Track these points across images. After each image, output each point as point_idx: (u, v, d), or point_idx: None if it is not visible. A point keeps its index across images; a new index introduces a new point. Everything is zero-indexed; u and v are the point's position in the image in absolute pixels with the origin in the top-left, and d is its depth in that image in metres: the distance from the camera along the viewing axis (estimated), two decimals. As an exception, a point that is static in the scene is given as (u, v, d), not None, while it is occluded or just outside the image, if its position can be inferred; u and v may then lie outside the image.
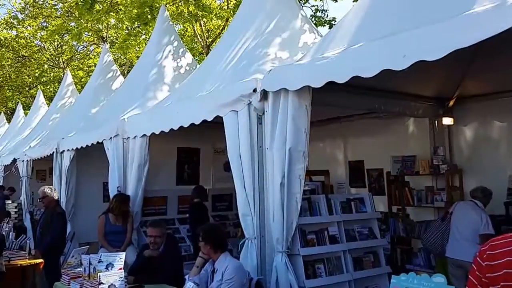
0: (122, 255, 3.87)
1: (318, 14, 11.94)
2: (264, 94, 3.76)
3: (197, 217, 6.20)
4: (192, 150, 7.75)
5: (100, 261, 3.71)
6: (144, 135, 5.64)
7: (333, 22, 11.64)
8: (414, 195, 6.16)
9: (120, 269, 3.75)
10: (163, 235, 4.46)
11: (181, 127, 4.78)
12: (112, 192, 6.13)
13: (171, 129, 4.96)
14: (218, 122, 4.28)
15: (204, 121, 4.46)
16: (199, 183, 7.27)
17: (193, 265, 3.81)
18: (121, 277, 3.69)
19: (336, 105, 4.58)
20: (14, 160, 10.61)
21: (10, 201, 10.44)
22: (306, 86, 3.42)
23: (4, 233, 6.16)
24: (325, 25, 11.86)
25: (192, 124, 4.62)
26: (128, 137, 6.03)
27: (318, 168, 6.67)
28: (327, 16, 12.08)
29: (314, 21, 11.42)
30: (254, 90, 3.80)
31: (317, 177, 6.58)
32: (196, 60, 8.37)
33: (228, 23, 15.62)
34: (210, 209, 6.93)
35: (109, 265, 3.71)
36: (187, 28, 15.68)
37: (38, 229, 6.21)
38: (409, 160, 6.22)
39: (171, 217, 6.76)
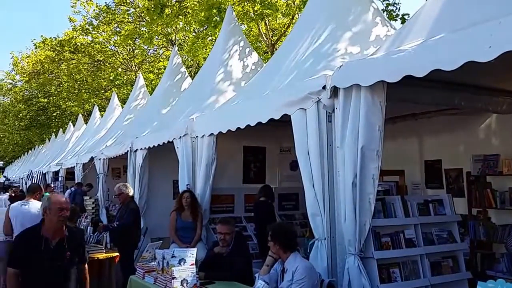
0: (194, 251, 3.93)
1: (390, 8, 11.37)
2: (334, 91, 3.64)
3: (263, 216, 6.20)
4: (258, 148, 7.77)
5: (173, 256, 3.79)
6: (212, 134, 5.73)
7: (406, 17, 11.06)
8: (497, 196, 5.70)
9: (192, 264, 3.82)
10: (232, 232, 4.49)
11: (248, 125, 4.78)
12: (183, 189, 6.29)
13: (238, 128, 4.98)
14: (284, 121, 4.23)
15: (271, 120, 4.42)
16: (265, 182, 7.27)
17: (260, 263, 3.78)
18: (193, 273, 3.76)
19: (413, 100, 4.32)
20: (92, 159, 11.24)
21: (88, 197, 11.08)
22: (380, 81, 3.27)
23: (82, 227, 6.54)
24: (396, 20, 11.31)
25: (259, 123, 4.61)
26: (197, 136, 6.15)
27: (391, 167, 6.38)
28: (399, 9, 11.52)
29: (386, 16, 10.92)
30: (324, 87, 3.70)
31: (389, 177, 6.29)
32: (261, 59, 8.37)
33: (294, 20, 15.55)
34: (276, 208, 6.90)
35: (182, 260, 3.78)
36: (251, 28, 15.81)
37: (116, 223, 6.53)
38: (491, 159, 5.75)
39: (238, 215, 6.84)
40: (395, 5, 11.37)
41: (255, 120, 4.65)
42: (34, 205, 5.87)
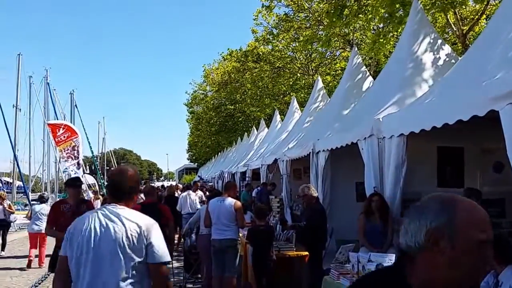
0: (392, 256, 3.71)
1: None
2: None
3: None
4: (455, 149, 7.03)
5: (369, 261, 3.64)
6: (402, 134, 5.37)
7: None
8: None
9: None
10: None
11: (446, 124, 4.32)
12: (369, 192, 6.08)
13: (433, 127, 4.54)
14: (487, 118, 3.67)
15: (472, 117, 3.90)
16: (464, 186, 6.53)
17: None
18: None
19: None
20: (275, 160, 11.83)
21: (273, 197, 11.69)
22: None
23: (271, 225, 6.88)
24: None
25: (459, 121, 4.11)
26: (384, 137, 5.86)
27: None
28: None
29: None
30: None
31: None
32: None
33: (490, 7, 13.82)
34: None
35: (379, 266, 3.60)
36: (437, 18, 14.58)
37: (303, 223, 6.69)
38: None
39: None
40: None
41: (455, 118, 4.16)
42: (229, 202, 6.43)
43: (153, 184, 23.94)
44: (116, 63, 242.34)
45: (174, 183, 47.09)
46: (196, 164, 65.56)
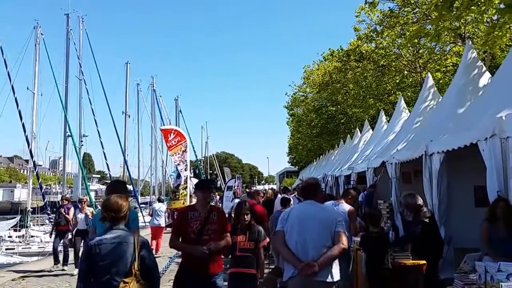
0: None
1: None
2: None
3: None
4: None
5: (499, 270, 3.39)
6: (531, 133, 4.92)
7: None
8: None
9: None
10: None
11: None
12: (492, 197, 5.64)
13: None
14: None
15: None
16: None
17: None
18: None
19: None
20: (383, 163, 11.45)
21: (382, 201, 11.33)
22: None
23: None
24: None
25: None
26: (507, 137, 5.42)
27: None
28: None
29: None
30: None
31: None
32: None
33: None
34: None
35: (510, 276, 3.34)
36: None
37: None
38: None
39: None
40: None
41: None
42: (343, 208, 6.41)
43: (255, 188, 24.96)
44: (217, 69, 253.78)
45: (274, 187, 47.96)
46: (297, 167, 65.78)
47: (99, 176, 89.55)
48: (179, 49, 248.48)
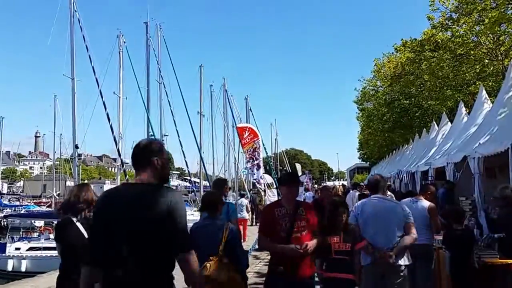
0: None
1: None
2: None
3: None
4: None
5: None
6: None
7: None
8: None
9: None
10: None
11: None
12: None
13: None
14: None
15: None
16: None
17: None
18: None
19: None
20: (464, 157, 10.85)
21: (463, 198, 10.74)
22: None
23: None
24: None
25: None
26: None
27: None
28: None
29: None
30: None
31: None
32: None
33: None
34: None
35: None
36: None
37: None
38: None
39: None
40: None
41: None
42: (422, 204, 6.19)
43: (325, 184, 24.89)
44: (284, 69, 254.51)
45: (345, 183, 47.15)
46: (368, 163, 64.02)
47: (178, 172, 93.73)
48: (246, 49, 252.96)
